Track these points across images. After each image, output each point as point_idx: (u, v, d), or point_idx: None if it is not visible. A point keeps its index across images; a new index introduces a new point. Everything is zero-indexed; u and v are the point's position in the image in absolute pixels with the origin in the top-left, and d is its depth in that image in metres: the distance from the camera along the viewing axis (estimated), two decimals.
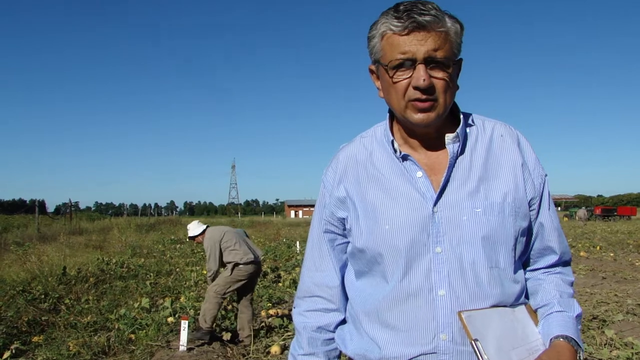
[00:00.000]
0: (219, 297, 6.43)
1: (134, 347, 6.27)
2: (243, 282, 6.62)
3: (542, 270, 1.52)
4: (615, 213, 58.80)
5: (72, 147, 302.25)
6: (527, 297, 1.48)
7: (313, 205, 1.66)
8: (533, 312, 1.44)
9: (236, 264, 6.55)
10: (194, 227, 6.92)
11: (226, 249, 6.60)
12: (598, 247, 18.14)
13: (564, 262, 1.53)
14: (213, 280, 6.67)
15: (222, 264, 6.67)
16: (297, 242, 19.90)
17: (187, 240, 7.42)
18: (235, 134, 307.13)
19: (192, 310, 7.71)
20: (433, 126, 1.41)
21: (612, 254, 15.98)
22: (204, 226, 6.89)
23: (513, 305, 1.40)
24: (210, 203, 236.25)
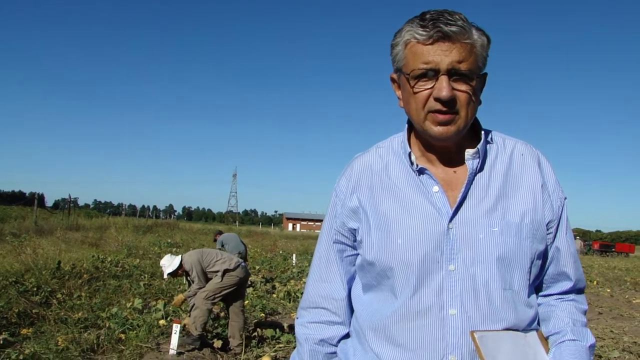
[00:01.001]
0: (208, 303, 6.40)
1: (123, 347, 6.19)
2: (233, 288, 6.61)
3: (555, 297, 1.47)
4: (614, 249, 58.52)
5: (75, 144, 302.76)
6: (538, 323, 1.44)
7: (312, 220, 1.63)
8: (544, 339, 1.40)
9: (226, 270, 6.54)
10: (172, 261, 6.74)
11: (210, 262, 6.62)
12: (595, 282, 18.02)
13: (578, 290, 1.48)
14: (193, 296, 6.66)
15: (207, 280, 6.65)
16: (294, 255, 19.81)
17: (165, 278, 7.16)
18: (239, 143, 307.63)
19: (184, 314, 7.63)
20: (452, 140, 1.38)
21: (609, 290, 15.87)
22: (179, 257, 6.80)
23: (525, 330, 1.36)
24: (209, 210, 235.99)
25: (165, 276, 6.76)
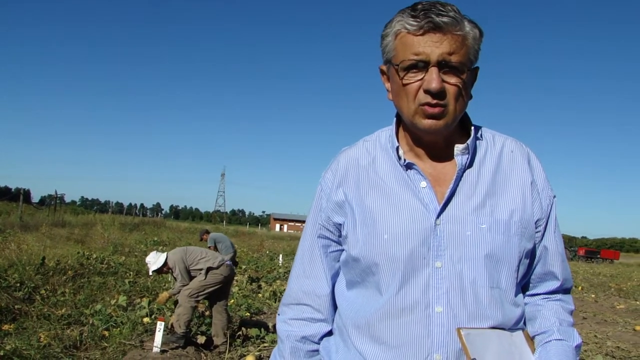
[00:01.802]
0: (192, 301, 6.37)
1: (106, 344, 6.13)
2: (218, 286, 6.59)
3: (542, 296, 1.45)
4: (599, 255, 58.93)
5: (62, 139, 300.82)
6: (524, 322, 1.42)
7: (299, 221, 1.60)
8: (530, 339, 1.38)
9: (210, 268, 6.52)
10: (157, 258, 6.69)
11: (194, 260, 6.59)
12: (580, 288, 18.14)
13: (564, 290, 1.47)
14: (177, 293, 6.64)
15: (190, 277, 6.62)
16: (280, 255, 19.74)
17: (150, 275, 7.02)
18: (227, 142, 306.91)
19: (169, 312, 7.57)
20: (441, 134, 1.35)
21: (593, 295, 15.97)
22: (165, 254, 6.75)
23: (512, 329, 1.34)
24: (197, 209, 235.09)
25: (150, 273, 6.71)
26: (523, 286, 1.45)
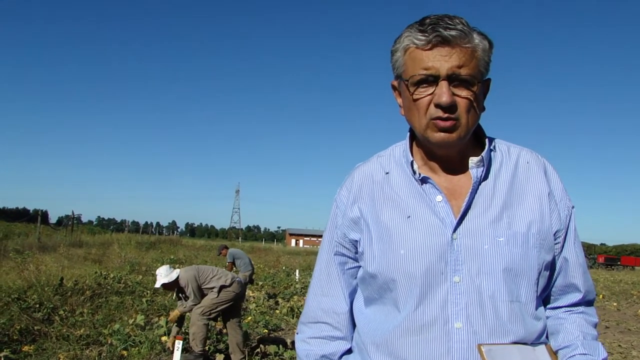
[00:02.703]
0: (204, 319, 6.38)
1: None
2: (229, 303, 6.60)
3: (564, 309, 1.42)
4: (619, 262, 58.29)
5: (78, 160, 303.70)
6: (547, 336, 1.39)
7: (314, 235, 1.59)
8: (553, 354, 1.35)
9: (223, 286, 6.53)
10: (169, 273, 6.60)
11: (206, 279, 6.59)
12: (601, 296, 17.88)
13: (587, 302, 1.43)
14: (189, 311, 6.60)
15: (203, 296, 6.61)
16: (297, 271, 19.73)
17: (160, 288, 6.74)
18: (241, 159, 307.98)
19: (187, 331, 7.56)
20: (454, 148, 1.34)
21: (615, 304, 15.75)
22: (177, 271, 6.71)
23: (534, 343, 1.31)
24: (212, 226, 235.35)
25: (157, 284, 6.57)
26: (544, 299, 1.42)
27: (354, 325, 1.50)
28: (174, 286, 6.64)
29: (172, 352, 5.61)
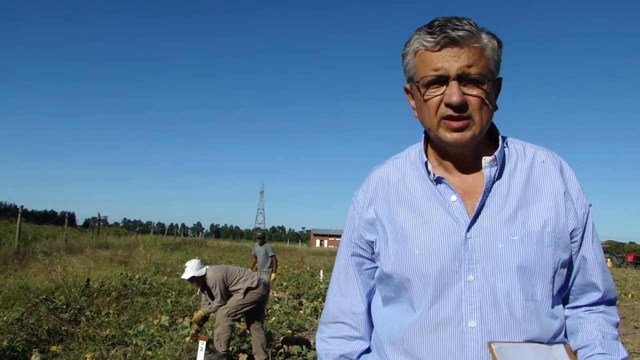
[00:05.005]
0: (229, 320, 6.43)
1: None
2: (254, 305, 6.65)
3: (583, 309, 1.41)
4: None
5: (105, 163, 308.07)
6: (565, 336, 1.38)
7: (339, 236, 1.61)
8: (572, 354, 1.34)
9: (249, 288, 6.58)
10: (199, 268, 6.64)
11: (233, 280, 6.63)
12: (630, 295, 17.57)
13: (607, 301, 1.42)
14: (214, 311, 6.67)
15: (228, 297, 6.66)
16: (321, 271, 19.75)
17: (186, 281, 6.79)
18: (266, 159, 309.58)
19: (211, 331, 7.63)
20: (468, 147, 1.35)
21: None
22: (205, 268, 6.74)
23: (550, 343, 1.30)
24: (237, 227, 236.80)
25: (186, 276, 6.57)
26: (564, 299, 1.42)
27: (372, 325, 1.51)
28: (200, 281, 6.69)
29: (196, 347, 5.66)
